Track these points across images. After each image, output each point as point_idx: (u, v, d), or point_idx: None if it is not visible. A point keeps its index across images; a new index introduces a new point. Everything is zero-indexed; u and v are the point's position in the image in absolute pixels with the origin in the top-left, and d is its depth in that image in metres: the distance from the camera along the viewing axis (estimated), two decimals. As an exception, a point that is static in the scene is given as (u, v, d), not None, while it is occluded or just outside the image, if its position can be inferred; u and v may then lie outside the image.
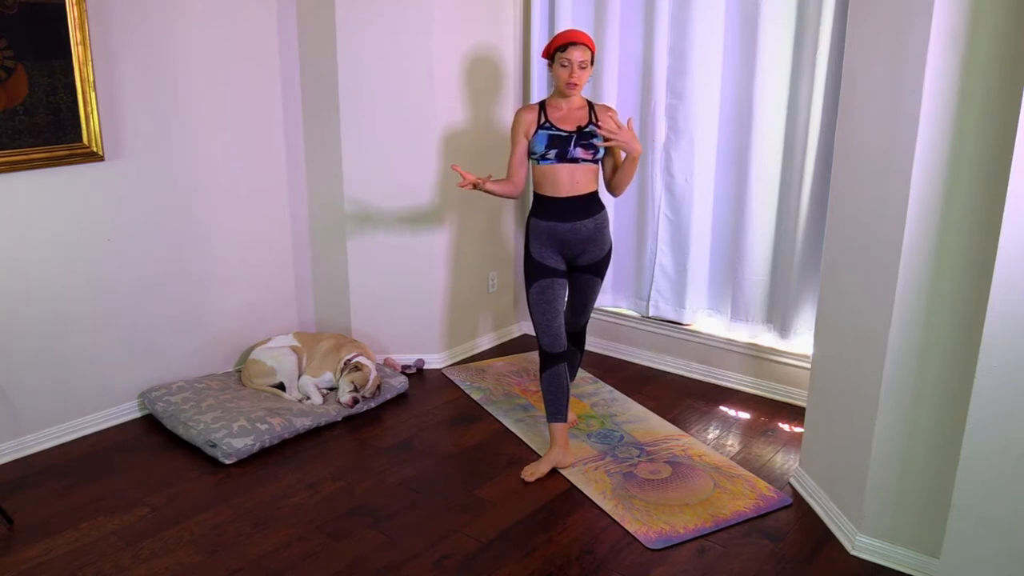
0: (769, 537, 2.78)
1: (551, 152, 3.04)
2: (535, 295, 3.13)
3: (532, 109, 3.12)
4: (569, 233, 3.07)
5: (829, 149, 3.29)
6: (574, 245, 3.10)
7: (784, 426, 3.57)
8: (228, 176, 3.76)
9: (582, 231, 3.08)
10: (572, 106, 3.09)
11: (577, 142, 3.04)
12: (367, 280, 4.07)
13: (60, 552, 2.67)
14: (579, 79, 3.00)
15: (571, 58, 2.97)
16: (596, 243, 3.13)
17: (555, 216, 3.07)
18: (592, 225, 3.10)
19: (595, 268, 3.18)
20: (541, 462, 3.16)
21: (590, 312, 3.34)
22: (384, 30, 3.77)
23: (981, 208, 2.25)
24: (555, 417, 3.17)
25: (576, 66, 2.98)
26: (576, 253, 3.13)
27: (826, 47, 3.33)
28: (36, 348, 3.25)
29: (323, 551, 2.69)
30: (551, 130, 3.05)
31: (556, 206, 3.07)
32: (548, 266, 3.11)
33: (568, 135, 3.04)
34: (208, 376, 3.76)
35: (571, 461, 3.20)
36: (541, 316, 3.13)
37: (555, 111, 3.09)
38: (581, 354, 3.50)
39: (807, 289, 3.63)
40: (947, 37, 2.22)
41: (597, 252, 3.15)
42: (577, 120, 3.07)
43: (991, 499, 2.14)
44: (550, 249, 3.11)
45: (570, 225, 3.07)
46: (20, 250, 3.15)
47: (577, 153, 3.04)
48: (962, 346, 2.34)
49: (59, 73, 3.10)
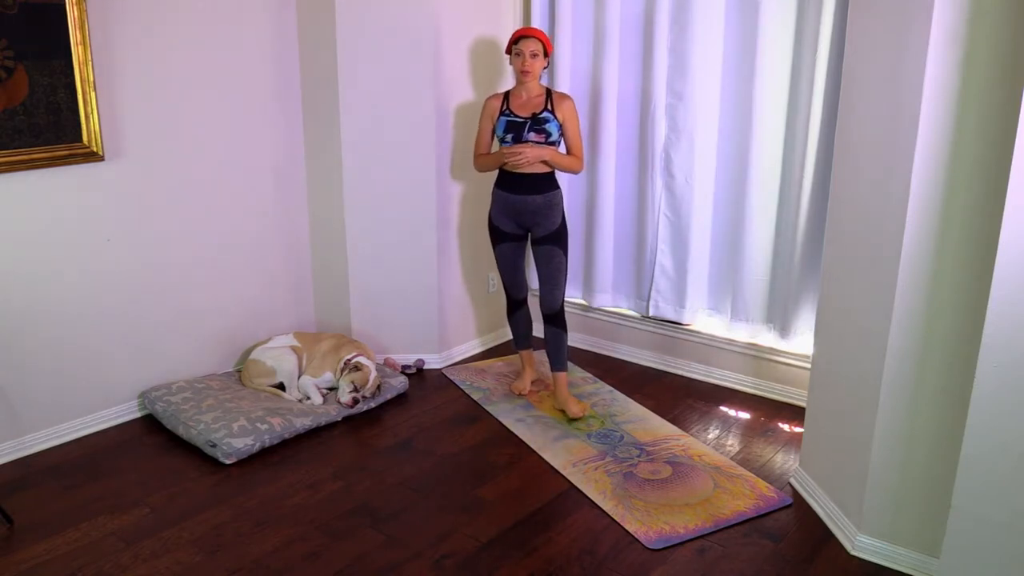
0: (769, 537, 2.78)
1: (508, 136, 3.49)
2: (498, 255, 3.72)
3: (497, 97, 3.58)
4: (520, 204, 3.53)
5: (829, 149, 3.29)
6: (524, 215, 3.55)
7: (784, 426, 3.57)
8: (228, 176, 3.76)
9: (530, 204, 3.52)
10: (531, 94, 3.50)
11: (531, 127, 3.45)
12: (367, 280, 4.06)
13: (60, 552, 2.67)
14: (531, 67, 3.43)
15: (523, 49, 3.42)
16: (547, 216, 3.54)
17: (509, 188, 3.55)
18: (541, 200, 3.52)
19: (551, 238, 3.56)
20: (524, 379, 3.88)
21: (561, 289, 3.63)
22: (384, 29, 3.76)
23: (981, 208, 2.25)
24: (522, 345, 3.89)
25: (528, 55, 3.41)
26: (529, 224, 3.58)
27: (826, 47, 3.33)
28: (36, 348, 3.25)
29: (323, 551, 2.69)
30: (510, 116, 3.49)
31: (511, 179, 3.54)
32: (503, 231, 3.64)
33: (523, 121, 3.47)
34: (208, 376, 3.76)
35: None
36: (503, 272, 3.75)
37: (516, 99, 3.53)
38: (565, 334, 3.69)
39: (807, 289, 3.63)
40: (947, 36, 2.22)
41: (549, 225, 3.55)
42: (533, 107, 3.48)
43: (991, 499, 2.14)
44: (505, 216, 3.61)
45: (520, 197, 3.52)
46: (20, 250, 3.15)
47: (530, 137, 3.47)
48: (962, 346, 2.34)
49: (59, 73, 3.10)
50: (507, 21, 4.21)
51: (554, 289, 3.61)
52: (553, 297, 3.62)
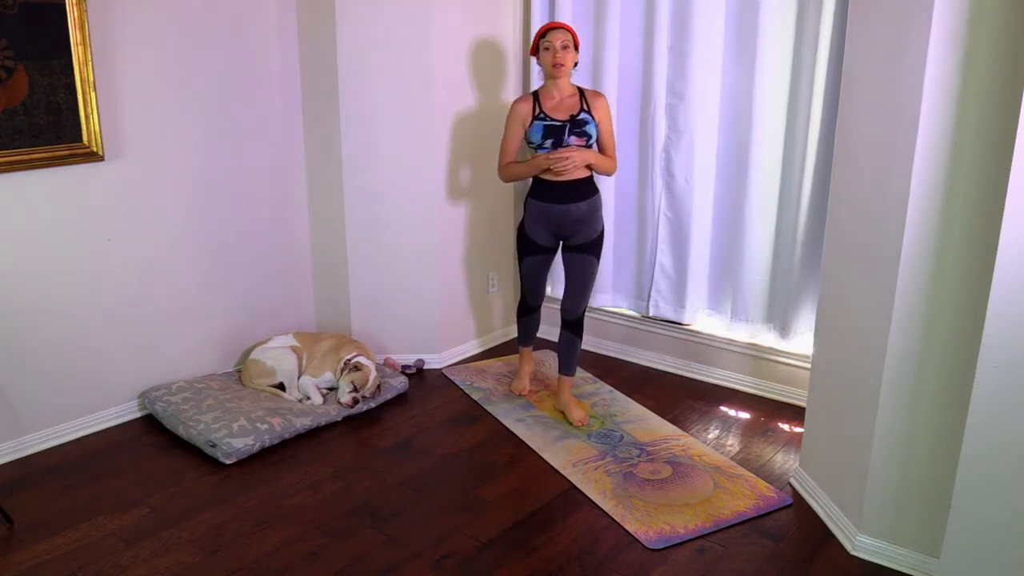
0: (769, 537, 2.78)
1: (547, 142, 3.25)
2: (525, 268, 3.54)
3: (527, 100, 3.32)
4: (562, 214, 3.32)
5: (829, 149, 3.29)
6: (566, 225, 3.35)
7: (784, 426, 3.57)
8: (227, 176, 3.76)
9: (575, 212, 3.32)
10: (563, 94, 3.28)
11: (571, 131, 3.23)
12: (367, 280, 4.06)
13: (60, 552, 2.67)
14: (563, 59, 3.20)
15: (552, 41, 3.19)
16: (588, 223, 3.37)
17: (551, 198, 3.31)
18: (585, 207, 3.33)
19: (589, 247, 3.41)
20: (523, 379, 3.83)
21: (587, 298, 3.51)
22: (384, 29, 3.76)
23: (981, 207, 2.25)
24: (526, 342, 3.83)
25: (558, 47, 3.18)
26: (569, 233, 3.38)
27: (826, 47, 3.33)
28: (36, 348, 3.25)
29: (323, 551, 2.69)
30: (546, 120, 3.25)
31: (553, 189, 3.30)
32: (538, 243, 3.45)
33: (562, 124, 3.23)
34: (208, 376, 3.76)
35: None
36: (528, 282, 3.60)
37: (548, 100, 3.29)
38: (580, 340, 3.59)
39: (807, 289, 3.63)
40: (947, 36, 2.22)
41: (590, 232, 3.38)
42: (569, 108, 3.26)
43: (991, 499, 2.14)
44: (542, 228, 3.40)
45: (563, 207, 3.31)
46: (20, 250, 3.15)
47: (571, 141, 3.25)
48: (962, 346, 2.34)
49: (59, 73, 3.10)
50: (507, 21, 4.21)
51: (581, 299, 3.49)
52: (578, 305, 3.50)
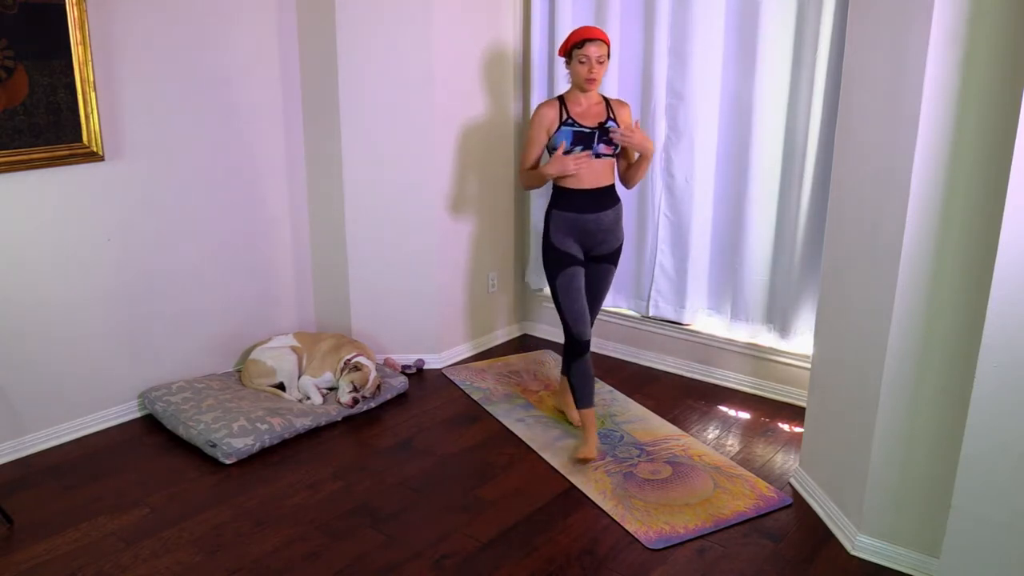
0: (769, 537, 2.78)
1: (576, 148, 3.15)
2: (563, 284, 3.22)
3: (553, 105, 3.21)
4: (592, 223, 3.21)
5: (829, 149, 3.29)
6: (595, 235, 3.23)
7: (784, 426, 3.57)
8: (228, 176, 3.76)
9: (604, 221, 3.22)
10: (591, 101, 3.20)
11: (600, 138, 3.15)
12: (367, 280, 4.06)
13: (60, 552, 2.67)
14: (598, 74, 3.11)
15: (589, 54, 3.07)
16: (614, 233, 3.28)
17: (579, 208, 3.19)
18: (612, 216, 3.25)
19: (611, 257, 3.32)
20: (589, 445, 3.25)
21: (600, 305, 3.43)
22: (384, 29, 3.76)
23: (981, 208, 2.25)
24: (587, 403, 3.29)
25: (594, 61, 3.08)
26: (595, 243, 3.26)
27: (826, 47, 3.33)
28: (36, 348, 3.25)
29: (323, 551, 2.69)
30: (575, 126, 3.16)
31: (580, 198, 3.19)
32: (571, 255, 3.23)
33: (592, 131, 3.15)
34: (208, 376, 3.76)
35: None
36: (571, 303, 3.22)
37: (575, 106, 3.19)
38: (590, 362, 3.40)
39: (807, 289, 3.63)
40: (947, 36, 2.22)
41: (614, 241, 3.30)
42: (597, 116, 3.18)
43: (991, 499, 2.14)
44: (571, 239, 3.23)
45: (594, 216, 3.20)
46: (20, 250, 3.15)
47: (600, 149, 3.16)
48: (962, 346, 2.34)
49: (59, 73, 3.10)
50: (507, 21, 4.21)
51: (594, 313, 3.35)
52: (592, 320, 3.34)
